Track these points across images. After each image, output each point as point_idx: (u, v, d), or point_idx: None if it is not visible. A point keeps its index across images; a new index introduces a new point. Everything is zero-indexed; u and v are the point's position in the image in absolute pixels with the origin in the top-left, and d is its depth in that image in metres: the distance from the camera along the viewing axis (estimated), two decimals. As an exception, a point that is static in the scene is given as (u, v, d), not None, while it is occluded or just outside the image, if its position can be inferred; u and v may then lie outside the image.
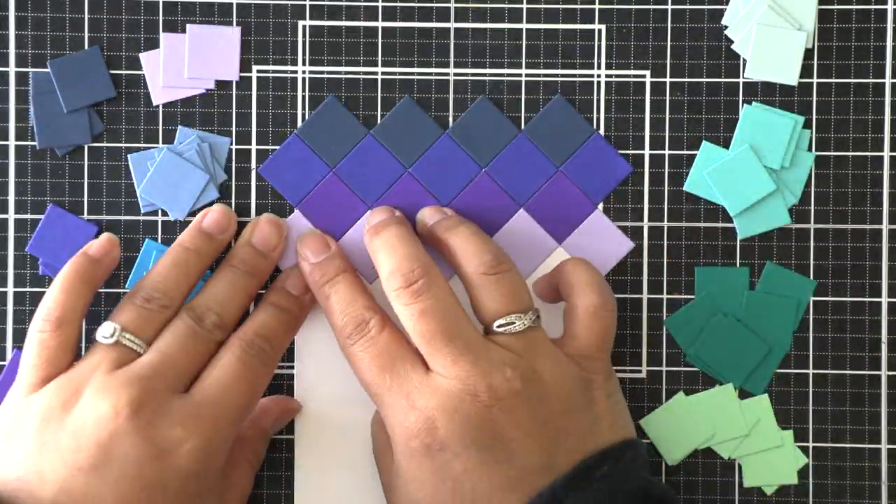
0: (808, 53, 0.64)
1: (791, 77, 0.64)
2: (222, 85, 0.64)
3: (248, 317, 0.62)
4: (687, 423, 0.64)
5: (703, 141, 0.64)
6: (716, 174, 0.64)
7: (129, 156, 0.64)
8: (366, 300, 0.60)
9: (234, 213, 0.63)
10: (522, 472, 0.56)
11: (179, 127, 0.64)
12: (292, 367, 0.64)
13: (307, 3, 0.64)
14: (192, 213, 0.64)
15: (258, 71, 0.64)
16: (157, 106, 0.64)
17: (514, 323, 0.58)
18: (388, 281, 0.58)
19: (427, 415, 0.56)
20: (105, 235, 0.62)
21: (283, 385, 0.64)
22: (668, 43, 0.65)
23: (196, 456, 0.56)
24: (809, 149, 0.64)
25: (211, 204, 0.64)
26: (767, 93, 0.64)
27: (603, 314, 0.60)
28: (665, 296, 0.65)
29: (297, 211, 0.64)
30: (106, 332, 0.59)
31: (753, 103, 0.64)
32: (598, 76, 0.65)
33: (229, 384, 0.58)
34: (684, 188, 0.64)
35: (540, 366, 0.58)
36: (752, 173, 0.64)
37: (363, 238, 0.62)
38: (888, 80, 0.64)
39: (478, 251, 0.59)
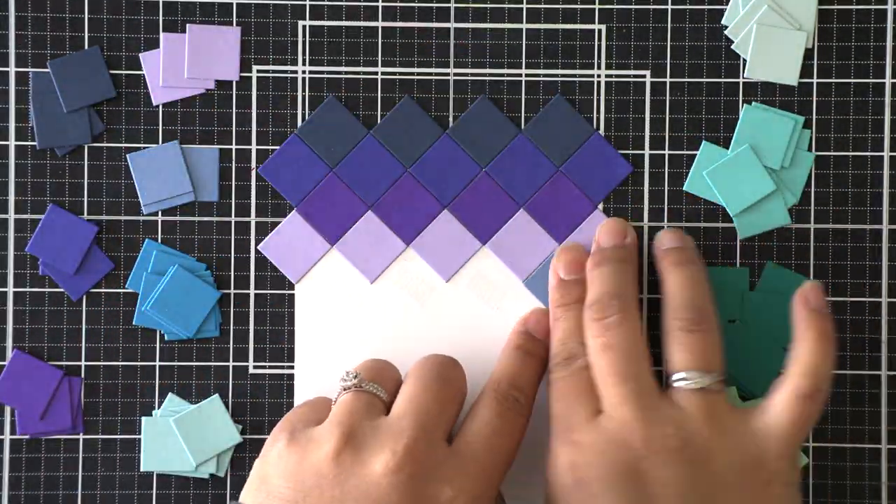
0: (808, 53, 0.64)
1: (791, 77, 0.64)
2: (222, 85, 0.64)
3: (496, 365, 0.61)
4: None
5: (703, 141, 0.64)
6: (716, 174, 0.64)
7: (128, 155, 0.64)
8: (579, 342, 0.60)
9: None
10: None
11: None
12: (292, 367, 0.64)
13: (307, 3, 0.64)
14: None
15: (258, 71, 0.64)
16: (157, 106, 0.64)
17: (692, 380, 0.58)
18: (587, 310, 0.59)
19: (578, 449, 0.57)
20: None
21: (283, 385, 0.64)
22: (668, 43, 0.65)
23: None
24: (809, 149, 0.64)
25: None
26: (767, 93, 0.64)
27: (808, 404, 0.58)
28: (665, 296, 0.65)
29: (295, 211, 0.64)
30: (348, 378, 0.58)
31: (753, 103, 0.64)
32: (598, 76, 0.65)
33: (491, 439, 0.57)
34: (684, 188, 0.64)
35: (709, 431, 0.57)
36: (752, 173, 0.64)
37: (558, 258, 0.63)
38: (888, 80, 0.64)
39: (685, 303, 0.60)
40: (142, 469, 0.64)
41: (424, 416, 0.56)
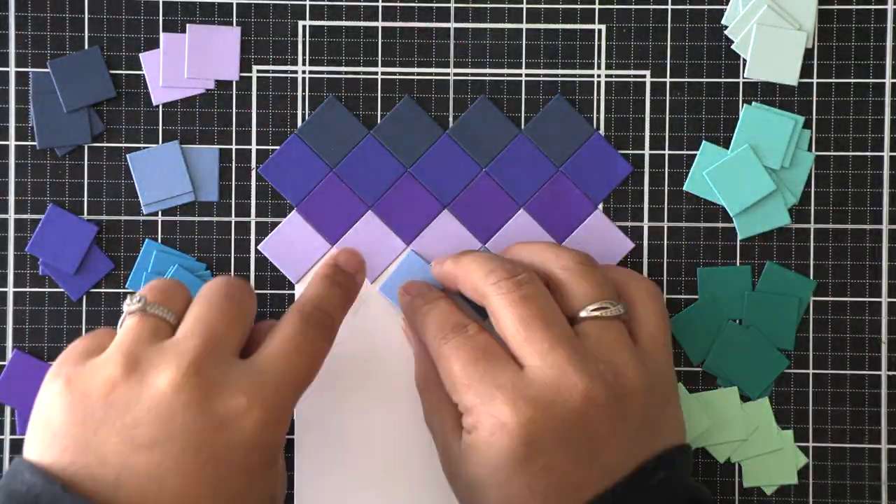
0: (808, 53, 0.64)
1: (791, 77, 0.64)
2: (222, 85, 0.64)
3: (304, 290, 0.60)
4: (687, 418, 0.64)
5: (703, 141, 0.64)
6: (716, 174, 0.64)
7: (127, 155, 0.64)
8: (463, 315, 0.60)
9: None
10: (600, 472, 0.56)
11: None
12: (292, 367, 0.64)
13: (307, 3, 0.64)
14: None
15: (258, 71, 0.64)
16: (157, 106, 0.64)
17: (608, 308, 0.58)
18: (488, 276, 0.58)
19: (525, 409, 0.55)
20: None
21: (283, 385, 0.64)
22: (668, 43, 0.65)
23: (260, 426, 0.53)
24: (809, 149, 0.64)
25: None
26: (767, 93, 0.64)
27: (657, 292, 0.61)
28: (665, 296, 0.65)
29: (295, 211, 0.64)
30: (132, 303, 0.56)
31: (753, 103, 0.64)
32: (598, 76, 0.65)
33: (291, 355, 0.56)
34: (684, 188, 0.64)
35: (626, 360, 0.57)
36: (752, 173, 0.64)
37: (436, 273, 0.63)
38: (888, 80, 0.64)
39: (563, 249, 0.60)
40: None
41: (211, 333, 0.55)
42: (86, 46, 0.64)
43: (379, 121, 0.64)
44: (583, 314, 0.58)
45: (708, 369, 0.64)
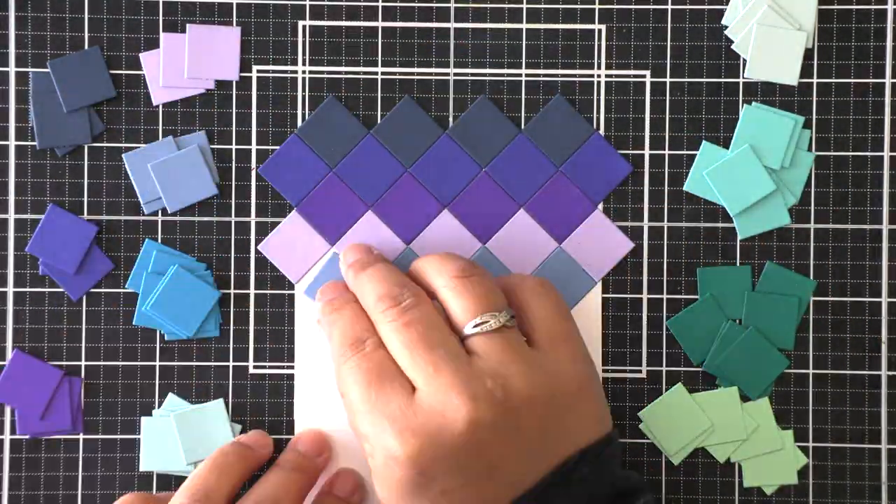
0: (808, 53, 0.64)
1: (791, 77, 0.64)
2: (222, 85, 0.64)
3: (258, 481, 0.61)
4: (686, 418, 0.64)
5: (703, 141, 0.64)
6: (716, 174, 0.64)
7: (123, 155, 0.64)
8: (366, 324, 0.59)
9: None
10: (502, 486, 0.56)
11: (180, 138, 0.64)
12: (292, 367, 0.64)
13: (307, 3, 0.64)
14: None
15: (258, 71, 0.64)
16: (157, 106, 0.64)
17: (489, 321, 0.57)
18: (377, 305, 0.58)
19: (412, 441, 0.55)
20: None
21: (283, 385, 0.64)
22: (668, 43, 0.65)
23: None
24: (809, 149, 0.64)
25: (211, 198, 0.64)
26: (767, 93, 0.64)
27: (544, 288, 0.60)
28: (665, 296, 0.65)
29: (295, 211, 0.64)
30: None
31: (753, 103, 0.64)
32: (598, 76, 0.65)
33: None
34: (684, 188, 0.64)
35: (518, 371, 0.56)
36: (752, 173, 0.64)
37: (344, 275, 0.62)
38: (888, 80, 0.64)
39: (446, 262, 0.59)
40: (141, 469, 0.64)
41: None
42: (86, 46, 0.64)
43: (379, 121, 0.64)
44: (466, 331, 0.58)
45: (708, 369, 0.64)
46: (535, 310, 0.59)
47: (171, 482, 0.64)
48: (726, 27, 0.64)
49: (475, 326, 0.57)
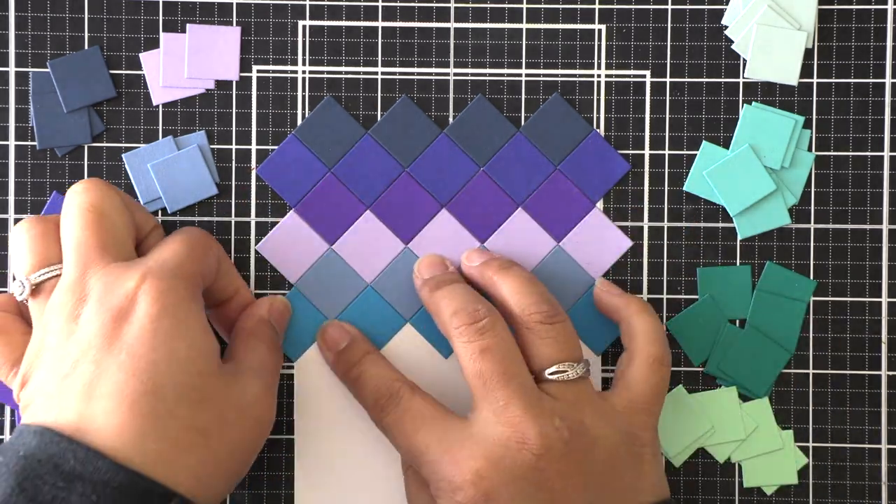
0: (808, 53, 0.64)
1: (791, 77, 0.64)
2: (222, 85, 0.65)
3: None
4: (687, 420, 0.64)
5: (704, 141, 0.64)
6: (716, 174, 0.64)
7: (123, 155, 0.64)
8: (393, 373, 0.60)
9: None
10: None
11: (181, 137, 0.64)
12: (292, 367, 0.64)
13: (307, 3, 0.64)
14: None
15: (258, 71, 0.64)
16: (157, 106, 0.64)
17: (567, 371, 0.58)
18: (452, 320, 0.58)
19: (472, 465, 0.55)
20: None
21: (283, 385, 0.64)
22: (668, 43, 0.65)
23: (155, 293, 0.54)
24: (809, 149, 0.64)
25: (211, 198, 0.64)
26: (767, 93, 0.64)
27: (661, 368, 0.60)
28: (665, 296, 0.64)
29: (293, 211, 0.64)
30: (17, 290, 0.57)
31: (753, 103, 0.64)
32: (598, 76, 0.65)
33: (175, 246, 0.58)
34: (684, 188, 0.64)
35: (588, 418, 0.57)
36: (752, 173, 0.64)
37: (418, 290, 0.63)
38: (888, 80, 0.64)
39: (534, 298, 0.59)
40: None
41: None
42: (86, 46, 0.64)
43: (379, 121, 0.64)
44: (545, 374, 0.58)
45: (710, 372, 0.64)
46: (635, 378, 0.60)
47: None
48: (726, 27, 0.64)
49: (553, 374, 0.58)
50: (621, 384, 0.60)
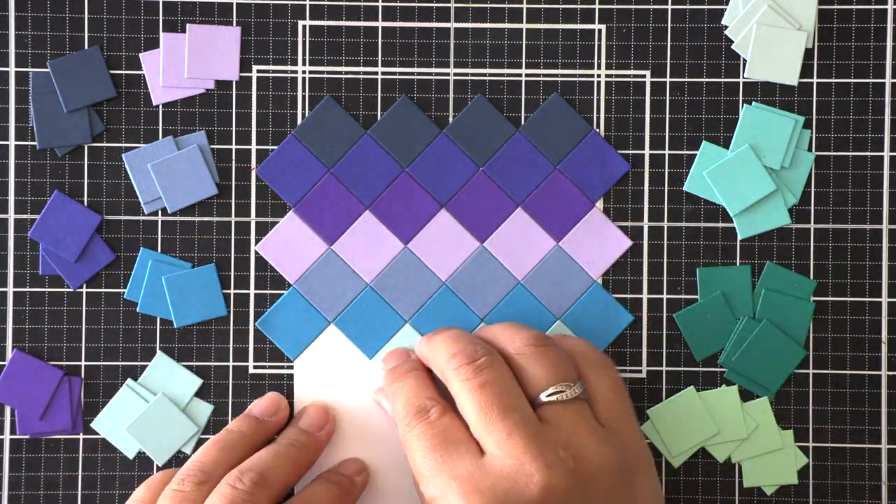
0: (808, 53, 0.64)
1: (791, 77, 0.64)
2: (222, 85, 0.65)
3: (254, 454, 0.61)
4: (694, 422, 0.64)
5: (704, 141, 0.64)
6: (716, 174, 0.64)
7: (123, 155, 0.64)
8: (431, 392, 0.60)
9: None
10: None
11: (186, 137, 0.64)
12: (292, 367, 0.64)
13: (307, 3, 0.64)
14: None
15: (258, 71, 0.64)
16: (157, 106, 0.64)
17: (564, 391, 0.58)
18: (450, 362, 0.58)
19: (476, 498, 0.55)
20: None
21: (283, 385, 0.64)
22: (668, 43, 0.65)
23: None
24: (809, 149, 0.64)
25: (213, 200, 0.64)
26: (767, 93, 0.64)
27: (607, 365, 0.61)
28: (665, 296, 0.64)
29: (293, 211, 0.64)
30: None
31: (753, 103, 0.64)
32: (598, 76, 0.65)
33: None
34: (684, 188, 0.64)
35: (587, 442, 0.57)
36: (752, 173, 0.64)
37: (416, 344, 0.63)
38: (888, 80, 0.64)
39: (519, 331, 0.60)
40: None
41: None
42: (86, 46, 0.64)
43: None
44: (541, 398, 0.58)
45: (723, 362, 0.64)
46: (595, 385, 0.60)
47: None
48: (726, 27, 0.64)
49: (550, 395, 0.58)
50: (592, 401, 0.60)
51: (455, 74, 0.65)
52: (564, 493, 0.55)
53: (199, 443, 0.64)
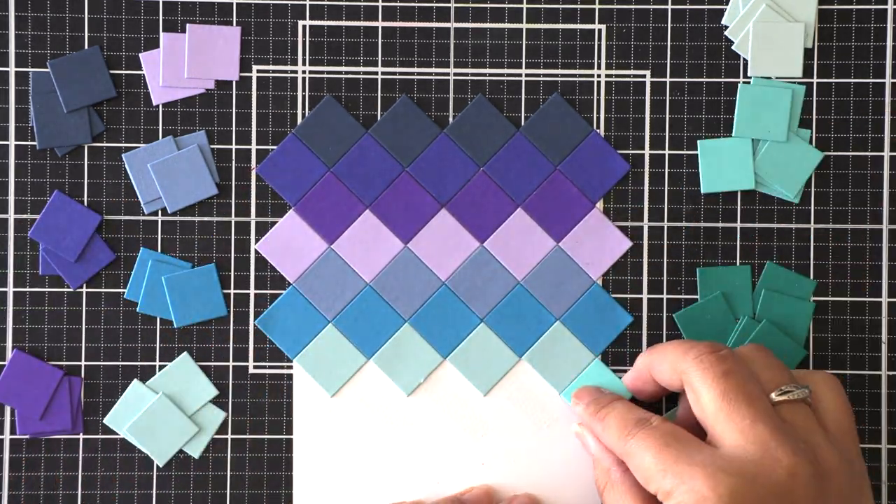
0: (808, 53, 0.64)
1: (794, 69, 0.64)
2: (222, 85, 0.65)
3: None
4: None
5: (699, 141, 0.64)
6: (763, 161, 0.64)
7: (123, 155, 0.64)
8: (643, 411, 0.59)
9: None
10: None
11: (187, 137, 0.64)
12: (291, 367, 0.64)
13: (307, 3, 0.64)
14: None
15: (258, 71, 0.64)
16: (157, 106, 0.64)
17: (793, 391, 0.57)
18: (688, 353, 0.58)
19: (727, 481, 0.54)
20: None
21: (283, 385, 0.64)
22: (668, 43, 0.65)
23: None
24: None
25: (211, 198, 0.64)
26: (767, 93, 0.64)
27: (838, 384, 0.60)
28: (665, 296, 0.65)
29: (293, 211, 0.64)
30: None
31: (752, 80, 0.64)
32: (598, 76, 0.65)
33: None
34: (702, 192, 0.64)
35: (821, 441, 0.56)
36: (742, 160, 0.64)
37: (638, 361, 0.63)
38: (888, 80, 0.64)
39: (747, 346, 0.60)
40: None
41: None
42: (86, 46, 0.64)
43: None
44: (773, 397, 0.57)
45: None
46: (828, 401, 0.59)
47: (171, 482, 0.64)
48: (726, 27, 0.64)
49: (781, 394, 0.57)
50: (820, 413, 0.59)
51: (455, 74, 0.65)
52: (808, 483, 0.54)
53: (200, 443, 0.64)
